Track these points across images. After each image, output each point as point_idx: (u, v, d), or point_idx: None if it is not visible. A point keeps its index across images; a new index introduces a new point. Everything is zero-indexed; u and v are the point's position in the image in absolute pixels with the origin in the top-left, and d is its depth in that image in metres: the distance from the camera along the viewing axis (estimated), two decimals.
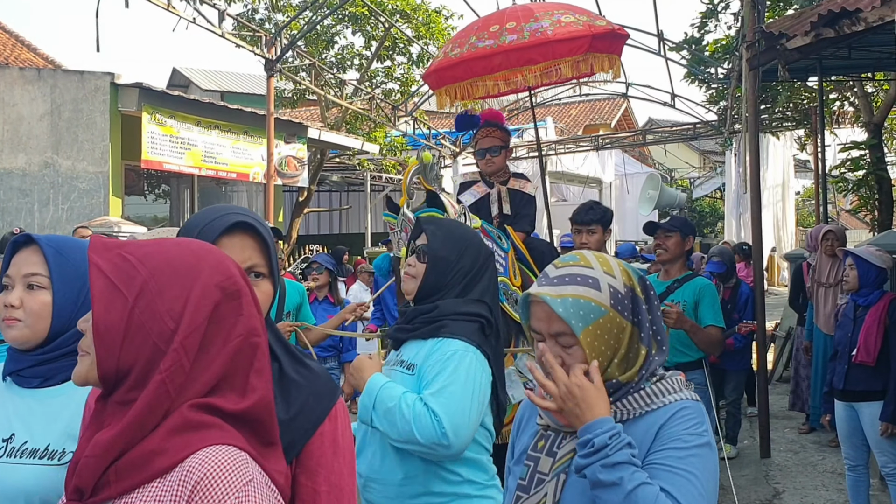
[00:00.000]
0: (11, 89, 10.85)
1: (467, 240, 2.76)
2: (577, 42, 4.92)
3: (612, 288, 1.77)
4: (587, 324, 1.73)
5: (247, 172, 12.67)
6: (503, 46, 4.91)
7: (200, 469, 1.32)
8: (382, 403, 2.47)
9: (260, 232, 1.81)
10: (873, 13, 5.12)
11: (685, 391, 1.78)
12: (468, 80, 5.21)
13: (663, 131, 22.44)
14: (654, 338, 1.81)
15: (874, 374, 4.93)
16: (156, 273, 1.39)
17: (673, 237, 5.01)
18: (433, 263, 2.68)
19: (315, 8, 14.30)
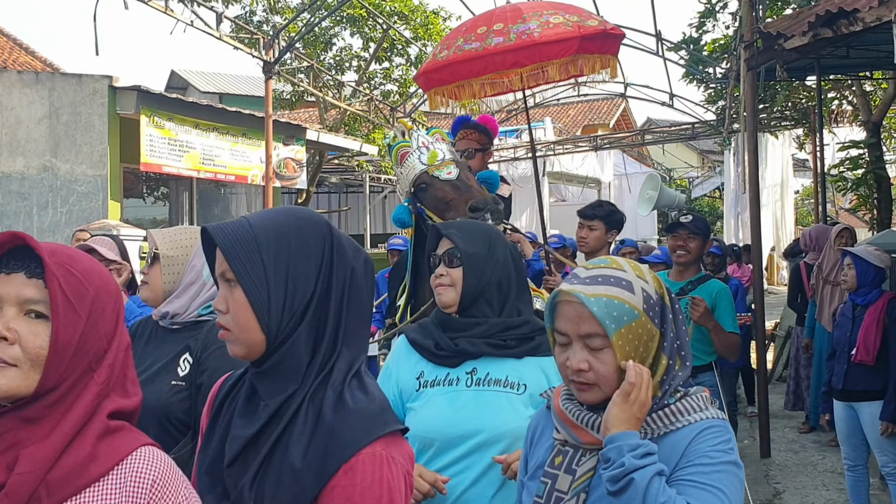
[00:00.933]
0: (9, 92, 10.84)
1: (491, 232, 2.63)
2: (566, 44, 4.80)
3: (645, 293, 1.72)
4: (620, 326, 1.66)
5: (245, 175, 12.66)
6: (489, 49, 4.78)
7: (152, 469, 1.42)
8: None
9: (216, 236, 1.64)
10: (871, 13, 5.12)
11: (711, 409, 1.72)
12: (454, 84, 5.09)
13: (662, 131, 22.44)
14: (678, 351, 1.75)
15: (873, 373, 4.93)
16: (100, 293, 1.45)
17: (696, 240, 4.82)
18: (469, 264, 2.48)
19: (313, 10, 14.31)
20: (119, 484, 1.38)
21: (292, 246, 1.55)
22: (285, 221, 1.58)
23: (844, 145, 12.30)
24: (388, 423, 1.54)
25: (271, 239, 1.54)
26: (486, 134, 5.13)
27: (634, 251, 8.09)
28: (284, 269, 1.53)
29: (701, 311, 4.45)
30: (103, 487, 1.38)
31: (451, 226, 2.65)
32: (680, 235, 4.83)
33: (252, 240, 1.53)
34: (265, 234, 1.54)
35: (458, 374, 2.47)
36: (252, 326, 1.52)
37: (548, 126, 22.25)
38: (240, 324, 1.52)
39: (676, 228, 4.88)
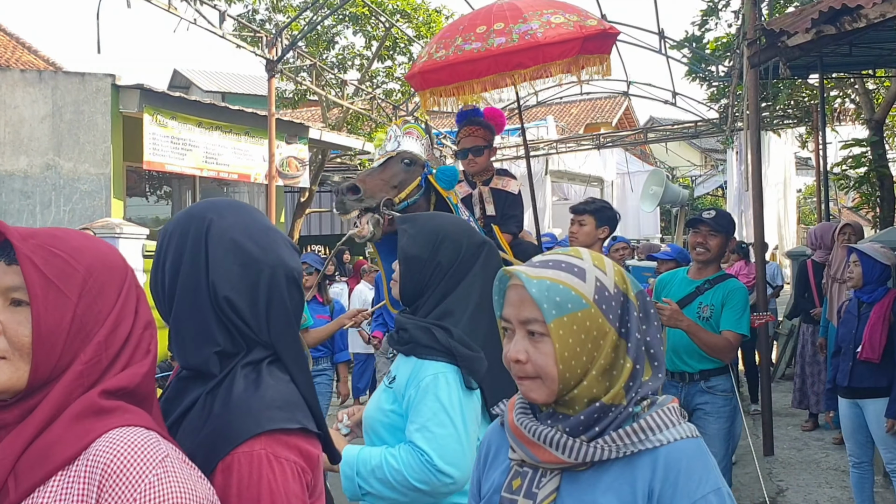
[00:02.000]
0: (13, 91, 10.85)
1: (443, 232, 2.51)
2: (569, 45, 4.74)
3: (599, 283, 1.51)
4: (562, 313, 1.46)
5: (248, 173, 12.67)
6: (491, 50, 4.72)
7: (108, 453, 1.24)
8: (366, 464, 2.28)
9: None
10: (874, 10, 5.12)
11: (682, 426, 1.51)
12: (454, 84, 5.02)
13: (664, 129, 22.40)
14: (650, 358, 1.53)
15: (879, 370, 4.92)
16: (94, 270, 1.35)
17: (718, 237, 4.62)
18: (405, 265, 2.48)
19: (315, 8, 14.31)
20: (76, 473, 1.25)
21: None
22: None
23: (847, 143, 12.28)
24: (273, 420, 1.44)
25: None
26: (491, 131, 5.11)
27: (626, 247, 8.06)
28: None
29: (667, 314, 4.25)
30: (70, 474, 1.25)
31: (408, 220, 2.61)
32: (700, 232, 4.64)
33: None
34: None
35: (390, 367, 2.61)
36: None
37: (550, 124, 22.25)
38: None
39: (697, 224, 4.69)
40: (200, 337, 1.54)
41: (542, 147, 20.51)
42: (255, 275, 1.57)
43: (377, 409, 2.44)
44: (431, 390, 2.29)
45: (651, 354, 1.53)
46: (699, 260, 4.68)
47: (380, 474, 2.25)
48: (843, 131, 16.62)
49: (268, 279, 1.58)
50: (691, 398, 4.56)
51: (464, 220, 2.76)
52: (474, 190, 4.97)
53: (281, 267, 1.60)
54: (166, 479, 1.24)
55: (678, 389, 4.58)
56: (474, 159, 4.98)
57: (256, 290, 1.57)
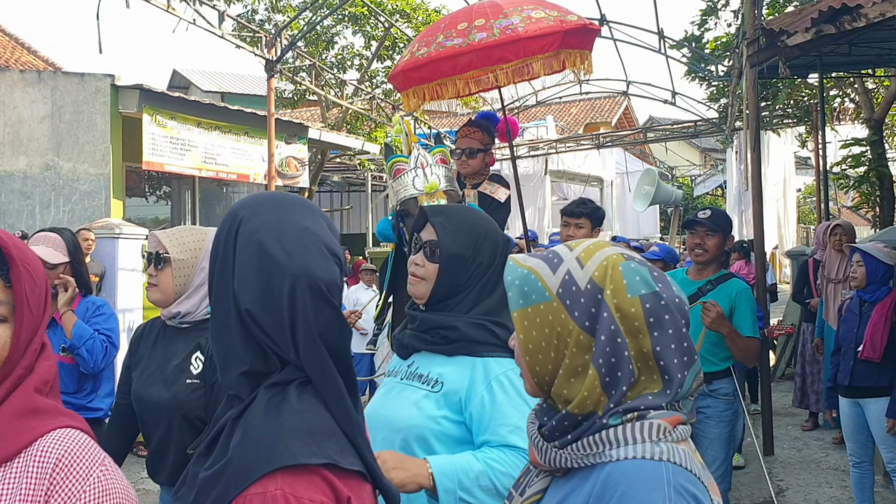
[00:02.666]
0: (12, 92, 10.85)
1: (483, 230, 2.38)
2: (549, 39, 4.70)
3: (569, 276, 1.39)
4: (526, 304, 1.40)
5: (247, 173, 12.67)
6: (472, 45, 4.67)
7: (58, 449, 1.37)
8: (467, 474, 2.06)
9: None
10: (874, 9, 5.11)
11: (644, 445, 1.30)
12: (436, 81, 4.95)
13: (664, 129, 22.39)
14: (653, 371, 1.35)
15: (880, 370, 4.91)
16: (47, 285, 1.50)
17: (715, 237, 4.55)
18: (448, 263, 2.30)
19: (315, 8, 14.31)
20: (23, 467, 1.35)
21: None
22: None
23: (847, 143, 12.29)
24: (294, 453, 1.24)
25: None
26: (489, 133, 5.05)
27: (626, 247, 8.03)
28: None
29: (713, 316, 4.20)
30: (14, 469, 1.36)
31: (441, 213, 2.41)
32: (697, 232, 4.58)
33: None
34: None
35: (403, 366, 2.40)
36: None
37: (550, 124, 22.24)
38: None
39: (694, 225, 4.62)
40: (229, 355, 1.39)
41: (542, 147, 20.51)
42: (278, 284, 1.36)
43: (424, 418, 2.21)
44: (510, 388, 2.17)
45: (661, 367, 1.34)
46: (698, 261, 4.62)
47: (484, 481, 2.06)
48: (842, 131, 16.63)
49: (288, 290, 1.36)
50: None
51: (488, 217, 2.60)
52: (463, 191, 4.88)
53: (304, 277, 1.36)
54: (110, 477, 1.39)
55: None
56: (466, 161, 4.94)
57: (279, 303, 1.35)
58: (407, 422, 2.23)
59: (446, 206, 2.61)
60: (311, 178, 15.25)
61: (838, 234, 7.34)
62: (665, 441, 1.30)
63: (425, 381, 2.28)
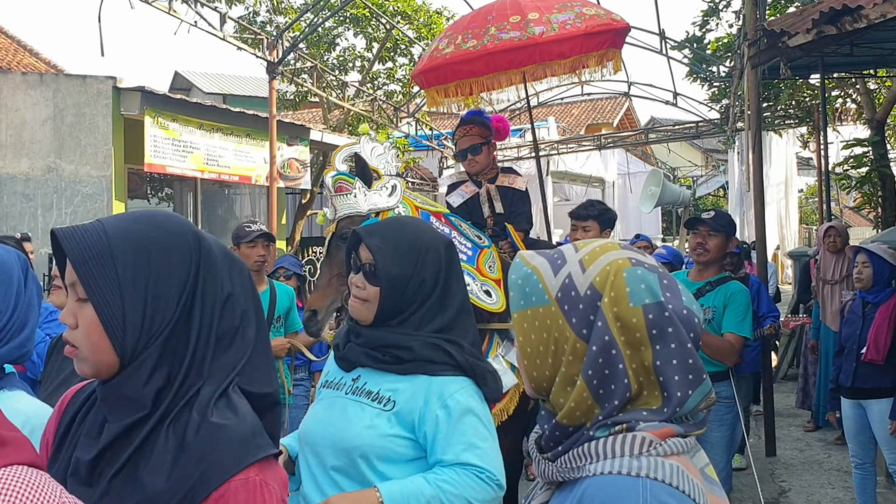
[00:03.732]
0: (14, 94, 10.86)
1: (421, 243, 2.30)
2: (571, 43, 4.66)
3: (569, 280, 1.32)
4: (526, 305, 1.35)
5: (249, 175, 12.67)
6: (487, 48, 4.65)
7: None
8: (418, 499, 2.07)
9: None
10: (875, 10, 5.11)
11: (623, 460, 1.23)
12: (452, 83, 4.96)
13: (666, 130, 22.40)
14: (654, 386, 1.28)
15: (883, 371, 4.91)
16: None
17: (717, 238, 4.46)
18: (389, 284, 2.23)
19: (316, 10, 14.31)
20: None
21: (153, 263, 1.39)
22: (147, 233, 1.41)
23: (848, 143, 12.28)
24: (261, 447, 1.40)
25: (129, 252, 1.37)
26: (486, 126, 4.94)
27: (648, 246, 8.00)
28: (143, 290, 1.37)
29: None
30: None
31: (375, 234, 2.32)
32: (700, 233, 4.51)
33: (107, 252, 1.36)
34: (123, 246, 1.37)
35: (346, 380, 2.32)
36: (104, 348, 1.37)
37: (551, 125, 22.25)
38: (91, 343, 1.38)
39: (696, 225, 4.55)
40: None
41: (543, 148, 20.50)
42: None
43: (375, 437, 2.18)
44: (465, 406, 2.17)
45: (661, 382, 1.27)
46: (699, 262, 4.54)
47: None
48: (844, 131, 16.61)
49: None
50: None
51: (424, 220, 2.54)
52: (481, 189, 4.83)
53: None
54: None
55: None
56: (474, 158, 4.82)
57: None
58: (357, 441, 2.18)
59: (380, 224, 2.52)
60: (313, 179, 15.24)
61: (832, 235, 7.35)
62: (649, 455, 1.23)
63: (375, 399, 2.22)
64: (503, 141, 5.41)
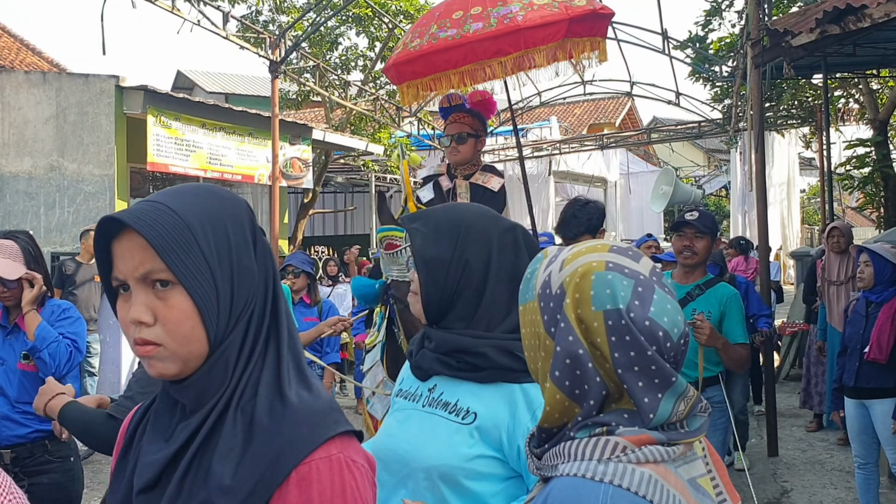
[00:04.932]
0: (16, 93, 10.87)
1: (465, 222, 2.05)
2: (552, 28, 4.34)
3: (548, 278, 1.33)
4: (523, 300, 1.39)
5: (252, 174, 12.68)
6: (467, 37, 4.34)
7: None
8: None
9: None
10: (879, 9, 5.11)
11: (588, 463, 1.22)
12: (430, 76, 4.59)
13: (668, 130, 22.39)
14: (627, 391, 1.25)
15: (886, 371, 4.90)
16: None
17: (704, 239, 4.37)
18: (426, 270, 2.01)
19: (319, 9, 14.30)
20: None
21: (230, 234, 1.31)
22: (215, 205, 1.32)
23: (851, 143, 12.28)
24: (339, 423, 1.29)
25: (207, 227, 1.28)
26: (480, 119, 4.77)
27: (656, 246, 7.94)
28: (228, 265, 1.28)
29: (707, 334, 3.98)
30: None
31: (417, 218, 2.13)
32: (686, 234, 4.40)
33: (186, 230, 1.26)
34: (199, 221, 1.28)
35: (422, 390, 2.08)
36: (197, 336, 1.26)
37: (553, 125, 22.24)
38: (182, 335, 1.25)
39: (681, 227, 4.44)
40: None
41: (546, 147, 20.50)
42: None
43: (454, 456, 1.91)
44: None
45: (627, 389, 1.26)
46: (687, 264, 4.45)
47: None
48: (847, 131, 16.66)
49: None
50: None
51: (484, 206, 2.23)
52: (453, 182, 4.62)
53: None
54: None
55: None
56: (457, 147, 4.63)
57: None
58: (435, 461, 1.93)
59: (427, 210, 2.32)
60: (315, 178, 15.26)
61: (836, 236, 7.34)
62: (618, 461, 1.20)
63: (453, 411, 1.97)
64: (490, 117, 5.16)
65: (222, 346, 1.28)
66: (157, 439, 1.31)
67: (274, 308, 1.34)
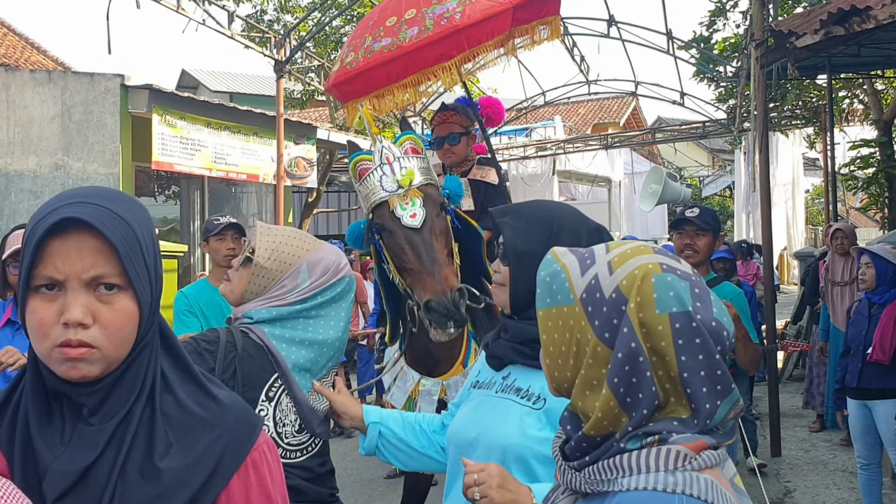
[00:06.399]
0: (22, 91, 10.90)
1: (557, 220, 2.13)
2: (495, 21, 4.03)
3: (595, 281, 1.28)
4: (552, 303, 1.32)
5: (256, 173, 12.70)
6: (403, 46, 4.00)
7: None
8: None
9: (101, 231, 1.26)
10: (883, 10, 5.11)
11: (658, 475, 1.19)
12: (373, 94, 4.24)
13: (672, 130, 22.39)
14: (682, 397, 1.24)
15: (889, 372, 4.90)
16: None
17: (706, 237, 4.20)
18: (517, 263, 2.08)
19: (324, 9, 14.33)
20: None
21: (155, 241, 1.36)
22: (140, 211, 1.35)
23: (855, 144, 12.28)
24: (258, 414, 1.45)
25: (145, 233, 1.32)
26: (469, 116, 4.64)
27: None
28: (155, 270, 1.34)
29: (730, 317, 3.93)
30: None
31: (508, 212, 2.19)
32: (686, 232, 4.23)
33: (134, 237, 1.29)
34: (140, 228, 1.31)
35: (496, 378, 2.17)
36: (129, 340, 1.29)
37: (558, 124, 22.26)
38: (121, 339, 1.27)
39: (682, 224, 4.27)
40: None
41: (550, 147, 20.51)
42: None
43: (524, 437, 1.99)
44: None
45: (687, 394, 1.23)
46: (689, 263, 4.27)
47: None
48: (851, 132, 16.62)
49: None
50: None
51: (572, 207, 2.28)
52: None
53: None
54: None
55: None
56: (451, 148, 4.50)
57: None
58: (506, 440, 2.01)
59: (517, 204, 2.35)
60: (320, 178, 15.27)
61: (839, 237, 7.33)
62: (684, 470, 1.19)
63: (525, 396, 2.05)
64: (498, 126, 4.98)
65: (138, 348, 1.31)
66: (52, 443, 1.26)
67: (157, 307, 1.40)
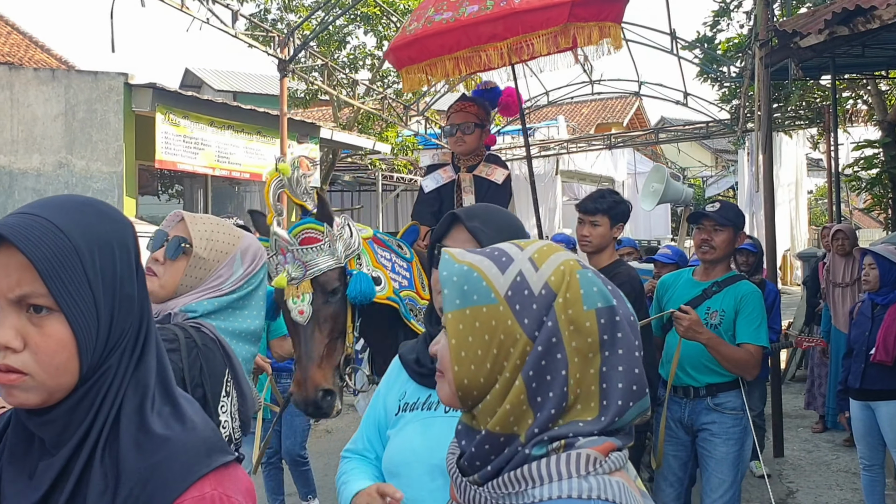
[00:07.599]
0: (26, 90, 10.91)
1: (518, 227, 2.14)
2: (553, 11, 4.06)
3: (521, 278, 1.21)
4: (465, 304, 1.20)
5: (260, 172, 12.70)
6: (461, 20, 4.08)
7: None
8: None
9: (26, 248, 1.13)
10: (888, 10, 5.11)
11: (573, 482, 1.14)
12: (425, 62, 4.35)
13: (676, 130, 22.38)
14: (592, 396, 1.19)
15: (892, 373, 4.90)
16: None
17: (724, 232, 4.01)
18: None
19: (327, 8, 14.32)
20: None
21: (117, 259, 1.21)
22: (102, 225, 1.21)
23: (859, 145, 12.27)
24: (213, 455, 1.21)
25: (94, 250, 1.18)
26: (486, 110, 4.64)
27: (634, 252, 7.66)
28: (111, 292, 1.19)
29: (685, 324, 3.69)
30: None
31: (475, 216, 2.12)
32: (705, 227, 4.04)
33: (72, 252, 1.15)
34: (85, 242, 1.17)
35: (435, 397, 2.02)
36: (69, 368, 1.16)
37: (561, 124, 22.25)
38: (54, 367, 1.15)
39: (700, 219, 4.09)
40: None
41: (553, 147, 20.50)
42: None
43: None
44: None
45: (602, 390, 1.18)
46: (706, 259, 4.07)
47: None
48: (855, 132, 16.61)
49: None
50: (696, 416, 4.01)
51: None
52: (457, 175, 4.51)
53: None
54: None
55: (682, 406, 4.06)
56: (463, 137, 4.47)
57: None
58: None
59: (475, 207, 2.29)
60: (323, 177, 15.29)
61: (840, 238, 7.31)
62: (596, 474, 1.14)
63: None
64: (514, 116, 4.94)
65: (92, 378, 1.18)
66: (18, 477, 1.21)
67: (146, 337, 1.25)
